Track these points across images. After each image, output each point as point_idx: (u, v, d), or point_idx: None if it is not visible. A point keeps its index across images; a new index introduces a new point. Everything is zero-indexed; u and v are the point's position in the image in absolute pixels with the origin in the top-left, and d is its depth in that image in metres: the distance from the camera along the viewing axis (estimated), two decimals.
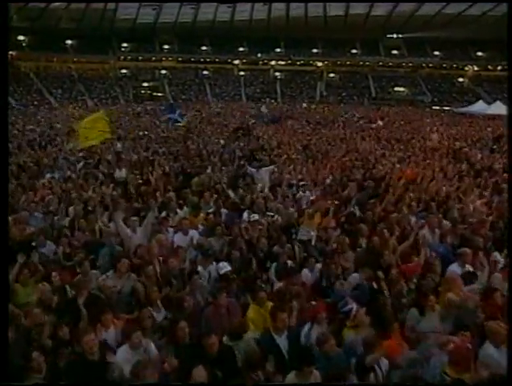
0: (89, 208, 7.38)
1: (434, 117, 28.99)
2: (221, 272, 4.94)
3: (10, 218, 5.94)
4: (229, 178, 9.06)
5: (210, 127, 19.90)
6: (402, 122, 23.66)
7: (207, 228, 6.35)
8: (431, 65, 49.53)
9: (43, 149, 13.58)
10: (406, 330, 4.25)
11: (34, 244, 5.72)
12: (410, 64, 50.16)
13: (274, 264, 5.43)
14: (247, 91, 52.10)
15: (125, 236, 6.02)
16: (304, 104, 38.33)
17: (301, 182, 8.45)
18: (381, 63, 51.15)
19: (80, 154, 12.34)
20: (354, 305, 3.98)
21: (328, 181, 9.21)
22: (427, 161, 11.78)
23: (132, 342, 3.63)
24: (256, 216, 6.47)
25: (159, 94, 49.87)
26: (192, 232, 6.15)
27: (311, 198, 8.16)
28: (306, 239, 5.95)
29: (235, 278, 4.82)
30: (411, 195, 8.35)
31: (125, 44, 52.35)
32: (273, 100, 48.66)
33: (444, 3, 43.24)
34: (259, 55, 54.27)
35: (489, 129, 20.94)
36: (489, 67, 48.21)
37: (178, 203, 7.40)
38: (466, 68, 48.81)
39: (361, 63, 51.79)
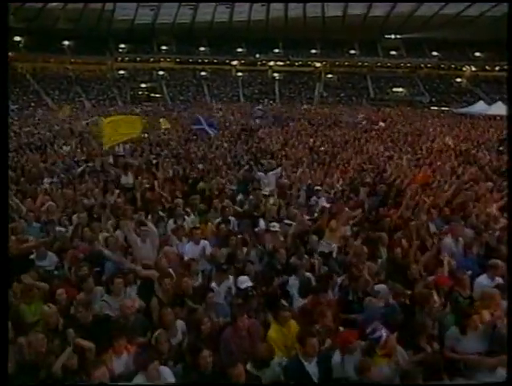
0: (94, 216, 7.00)
1: (435, 117, 28.70)
2: (242, 286, 4.55)
3: None
4: (238, 182, 8.68)
5: None
6: (403, 123, 23.37)
7: (219, 238, 5.98)
8: (429, 66, 49.38)
9: (42, 152, 13.14)
10: (446, 351, 3.91)
11: (32, 257, 5.33)
12: (409, 65, 49.99)
13: (293, 278, 5.07)
14: (245, 92, 51.73)
15: (135, 246, 5.64)
16: (304, 106, 37.94)
17: (315, 188, 8.08)
18: (379, 64, 50.97)
19: (82, 158, 11.94)
20: (384, 333, 3.61)
21: (337, 185, 8.86)
22: (438, 163, 11.47)
23: (149, 374, 3.26)
24: (276, 225, 6.09)
25: (157, 95, 49.43)
26: (204, 242, 5.77)
27: (324, 204, 7.82)
28: (327, 251, 5.57)
29: (254, 295, 4.44)
30: (426, 199, 8.05)
31: (122, 45, 51.82)
32: (271, 101, 48.34)
33: (443, 4, 43.01)
34: (257, 55, 53.93)
35: (492, 130, 20.66)
36: (487, 67, 48.11)
37: (185, 209, 7.02)
38: (464, 69, 48.71)
39: (360, 63, 51.58)
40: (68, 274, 5.22)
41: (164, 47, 53.27)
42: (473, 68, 48.37)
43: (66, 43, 49.40)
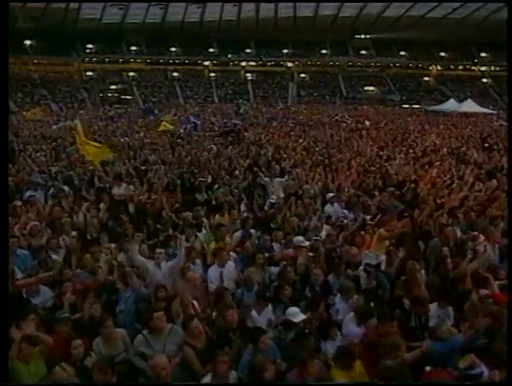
0: (88, 237, 6.03)
1: (411, 116, 28.97)
2: (296, 319, 3.81)
3: None
4: (243, 190, 7.90)
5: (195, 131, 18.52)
6: (385, 122, 23.28)
7: (243, 257, 5.20)
8: (397, 65, 50.31)
9: (13, 161, 11.71)
10: None
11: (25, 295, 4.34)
12: (378, 64, 50.73)
13: (340, 301, 4.39)
14: (219, 92, 50.74)
15: (147, 272, 4.77)
16: (280, 106, 37.51)
17: (329, 194, 7.43)
18: (350, 64, 51.40)
19: (62, 166, 10.71)
20: (484, 368, 2.99)
21: (347, 189, 8.26)
22: (437, 162, 11.17)
23: None
24: (304, 240, 5.38)
25: (128, 97, 47.43)
26: (230, 264, 4.97)
27: (338, 210, 7.21)
28: (374, 263, 4.92)
29: (311, 331, 3.72)
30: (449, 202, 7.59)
31: (90, 45, 49.37)
32: (245, 101, 47.62)
33: (410, 5, 43.83)
34: (229, 56, 53.05)
35: (469, 127, 20.92)
36: (451, 66, 49.57)
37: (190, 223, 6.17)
38: (430, 68, 49.99)
39: (331, 63, 51.83)
40: (69, 315, 4.24)
41: (134, 48, 51.26)
42: (439, 68, 49.70)
43: (28, 42, 46.41)
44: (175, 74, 51.90)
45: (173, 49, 52.34)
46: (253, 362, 3.24)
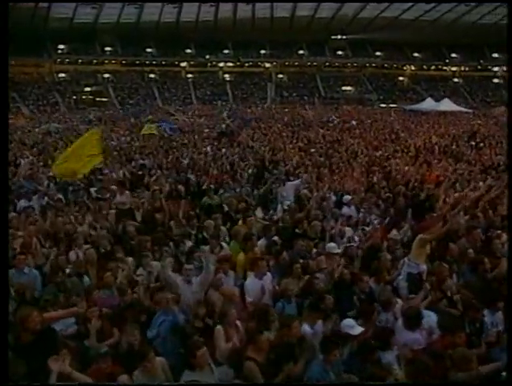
0: (101, 250, 5.55)
1: (390, 115, 29.42)
2: (353, 332, 3.57)
3: None
4: (258, 196, 7.60)
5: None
6: (369, 121, 23.49)
7: (279, 267, 4.89)
8: (373, 65, 51.25)
9: None
10: None
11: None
12: (355, 64, 51.50)
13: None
14: (197, 94, 50.05)
15: (177, 289, 4.39)
16: (265, 106, 37.37)
17: (345, 197, 7.24)
18: (327, 64, 51.91)
19: (50, 173, 10.03)
20: None
21: (358, 191, 8.11)
22: (435, 161, 11.26)
23: None
24: (335, 246, 5.15)
25: (104, 99, 46.01)
26: (267, 275, 4.65)
27: (353, 213, 7.04)
28: (416, 272, 4.73)
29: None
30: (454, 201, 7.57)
31: (61, 46, 47.54)
32: (224, 102, 47.23)
33: (385, 6, 44.68)
34: (207, 57, 52.43)
35: (452, 126, 21.38)
36: (424, 66, 50.98)
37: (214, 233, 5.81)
38: (405, 68, 51.21)
39: (309, 63, 52.17)
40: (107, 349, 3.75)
41: (108, 48, 49.74)
42: (413, 68, 50.99)
43: None
44: (152, 75, 50.81)
45: (149, 50, 51.23)
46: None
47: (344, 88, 50.03)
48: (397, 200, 7.30)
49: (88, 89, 46.62)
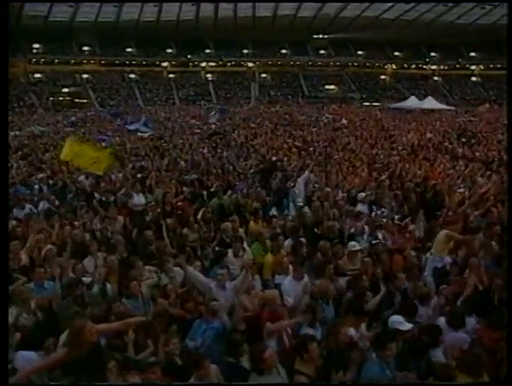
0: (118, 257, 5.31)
1: (380, 113, 29.87)
2: (404, 329, 3.54)
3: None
4: (273, 195, 7.51)
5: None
6: (357, 119, 23.75)
7: (311, 268, 4.81)
8: (355, 64, 51.97)
9: None
10: None
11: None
12: (337, 63, 52.09)
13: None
14: (180, 94, 49.52)
15: (211, 295, 4.25)
16: (250, 106, 37.33)
17: (360, 194, 7.26)
18: (310, 63, 52.33)
19: (40, 176, 9.62)
20: None
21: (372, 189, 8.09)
22: (432, 158, 11.45)
23: None
24: (355, 244, 5.13)
25: (83, 100, 44.84)
26: (305, 277, 4.56)
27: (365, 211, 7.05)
28: (440, 266, 4.75)
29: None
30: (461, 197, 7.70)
31: (36, 45, 46.09)
32: (207, 102, 46.90)
33: (366, 6, 45.35)
34: (189, 56, 51.95)
35: (440, 123, 21.85)
36: (405, 65, 52.08)
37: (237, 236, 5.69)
38: (386, 67, 52.16)
39: (292, 62, 52.44)
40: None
41: (86, 48, 48.60)
42: (394, 66, 52.01)
43: None
44: (133, 75, 49.95)
45: (129, 49, 50.35)
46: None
47: (327, 87, 50.52)
48: (409, 197, 7.37)
49: (65, 90, 45.39)
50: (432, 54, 51.74)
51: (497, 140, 14.65)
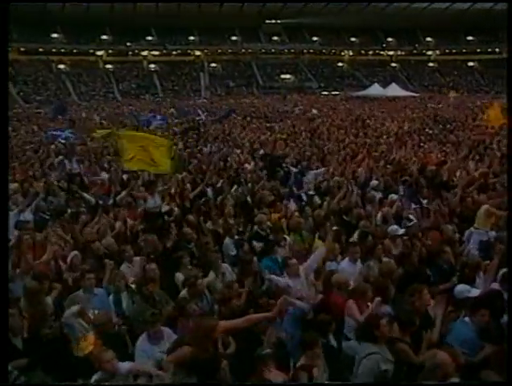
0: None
1: (343, 101, 31.52)
2: (472, 295, 4.25)
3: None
4: (290, 187, 8.12)
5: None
6: (325, 110, 25.01)
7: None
8: (311, 51, 53.97)
9: None
10: None
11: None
12: (292, 51, 53.76)
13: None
14: (120, 87, 48.41)
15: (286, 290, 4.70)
16: (204, 99, 37.50)
17: (373, 182, 8.09)
18: (263, 50, 53.45)
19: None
20: None
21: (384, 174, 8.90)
22: (424, 145, 12.72)
23: None
24: (397, 228, 5.87)
25: None
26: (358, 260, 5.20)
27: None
28: (485, 240, 5.63)
29: None
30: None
31: None
32: (154, 96, 46.35)
33: None
34: (128, 44, 50.81)
35: (410, 110, 23.76)
36: (362, 51, 55.04)
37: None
38: (343, 53, 54.75)
39: (243, 50, 53.20)
40: None
41: None
42: (351, 53, 54.75)
43: None
44: (62, 66, 47.93)
45: (55, 35, 48.18)
46: None
47: (282, 76, 51.96)
48: (418, 181, 8.32)
49: None
50: (389, 39, 55.12)
51: (473, 125, 16.43)
